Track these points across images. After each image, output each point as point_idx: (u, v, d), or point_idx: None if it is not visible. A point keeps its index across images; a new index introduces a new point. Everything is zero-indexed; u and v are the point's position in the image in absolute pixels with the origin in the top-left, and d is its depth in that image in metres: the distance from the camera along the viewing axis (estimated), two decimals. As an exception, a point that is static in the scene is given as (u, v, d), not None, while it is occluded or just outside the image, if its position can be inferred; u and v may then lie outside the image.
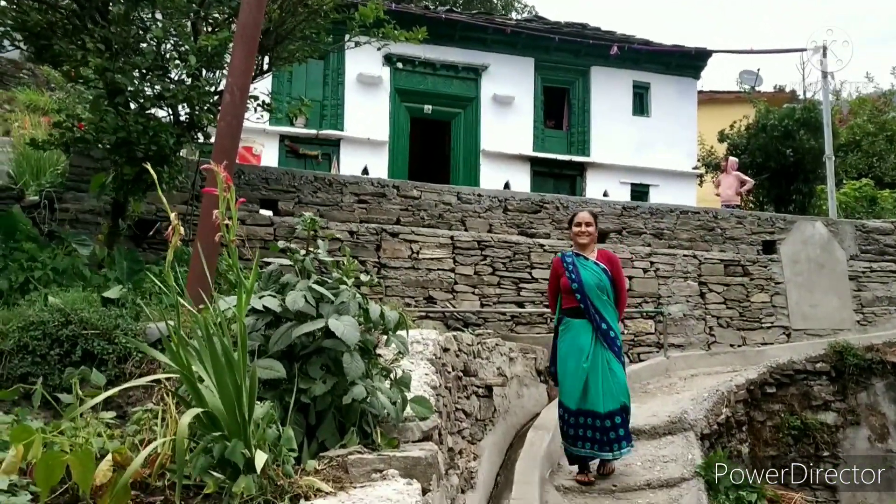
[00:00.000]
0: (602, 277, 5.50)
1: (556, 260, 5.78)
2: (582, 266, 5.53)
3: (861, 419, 8.53)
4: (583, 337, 5.44)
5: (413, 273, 9.07)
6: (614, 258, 5.76)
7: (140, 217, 7.60)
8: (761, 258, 11.17)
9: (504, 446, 6.51)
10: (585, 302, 5.44)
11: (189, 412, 2.09)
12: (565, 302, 5.61)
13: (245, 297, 2.22)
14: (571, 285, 5.47)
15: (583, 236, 5.63)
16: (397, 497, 1.97)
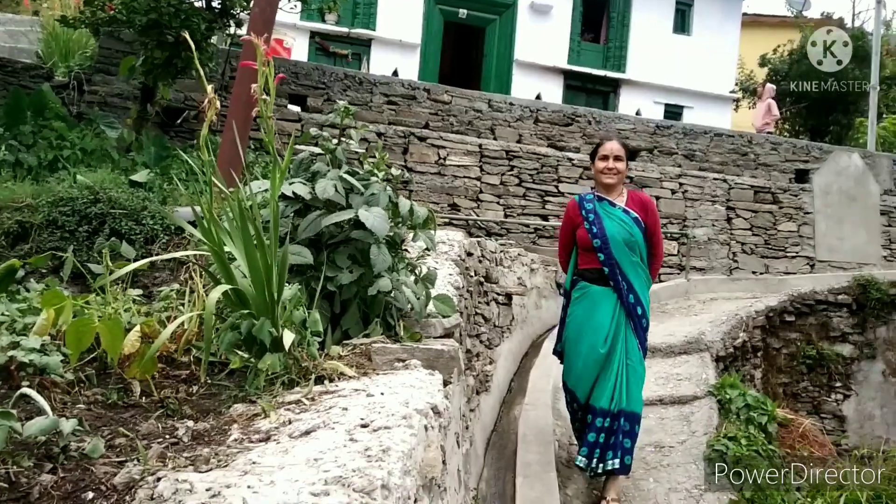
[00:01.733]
0: (633, 230, 4.11)
1: (572, 204, 4.34)
2: (607, 215, 4.13)
3: (877, 353, 8.52)
4: (602, 310, 4.11)
5: (439, 179, 9.00)
6: (650, 203, 4.29)
7: (168, 104, 7.54)
8: (793, 187, 10.98)
9: (519, 354, 6.59)
10: (610, 264, 4.07)
11: (218, 288, 2.09)
12: (582, 261, 4.25)
13: (279, 178, 2.19)
14: (592, 241, 4.09)
15: (609, 174, 4.19)
16: (420, 385, 1.97)
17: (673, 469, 4.68)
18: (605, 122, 10.39)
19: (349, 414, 1.43)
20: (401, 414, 1.41)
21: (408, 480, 1.11)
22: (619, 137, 4.70)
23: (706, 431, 5.05)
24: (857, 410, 8.39)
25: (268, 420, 1.52)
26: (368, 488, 0.97)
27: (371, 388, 1.82)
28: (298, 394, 1.81)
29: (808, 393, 8.27)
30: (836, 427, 8.23)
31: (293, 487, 0.96)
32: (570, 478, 4.53)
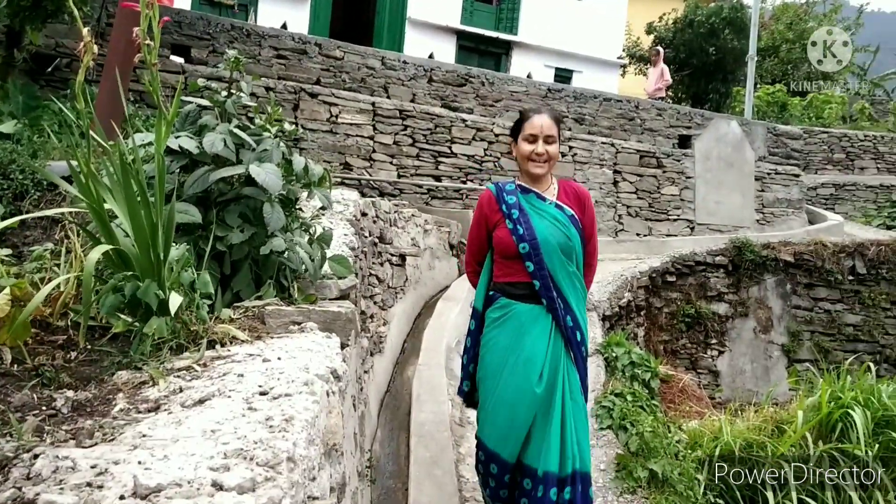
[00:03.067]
0: (570, 232, 3.10)
1: (487, 196, 3.27)
2: (536, 211, 3.13)
3: (749, 311, 9.00)
4: (534, 336, 3.06)
5: (331, 137, 8.81)
6: (586, 196, 3.28)
7: (38, 50, 7.02)
8: (676, 152, 11.36)
9: (413, 315, 6.58)
10: (542, 275, 3.04)
11: (98, 247, 1.94)
12: (503, 272, 3.19)
13: (165, 130, 2.05)
14: (518, 246, 3.06)
15: (538, 162, 3.11)
16: (318, 349, 1.90)
17: (562, 425, 4.79)
18: (498, 84, 10.41)
19: (246, 381, 1.35)
20: (301, 380, 1.34)
21: (312, 451, 1.06)
22: (550, 109, 3.25)
23: (594, 389, 5.19)
24: (730, 365, 8.86)
25: (156, 388, 1.43)
26: (273, 461, 0.91)
27: (267, 353, 1.74)
28: (189, 360, 1.71)
29: (687, 350, 8.66)
30: (711, 381, 8.67)
31: (190, 462, 0.89)
32: (463, 437, 4.57)
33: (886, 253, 9.40)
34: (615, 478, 4.18)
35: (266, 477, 0.86)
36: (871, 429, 5.47)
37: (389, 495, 3.90)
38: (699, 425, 5.66)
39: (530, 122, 3.15)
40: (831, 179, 17.55)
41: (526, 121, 3.18)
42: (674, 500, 4.06)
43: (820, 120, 20.18)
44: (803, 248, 9.35)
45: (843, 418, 5.53)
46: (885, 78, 25.36)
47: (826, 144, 18.65)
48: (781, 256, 9.18)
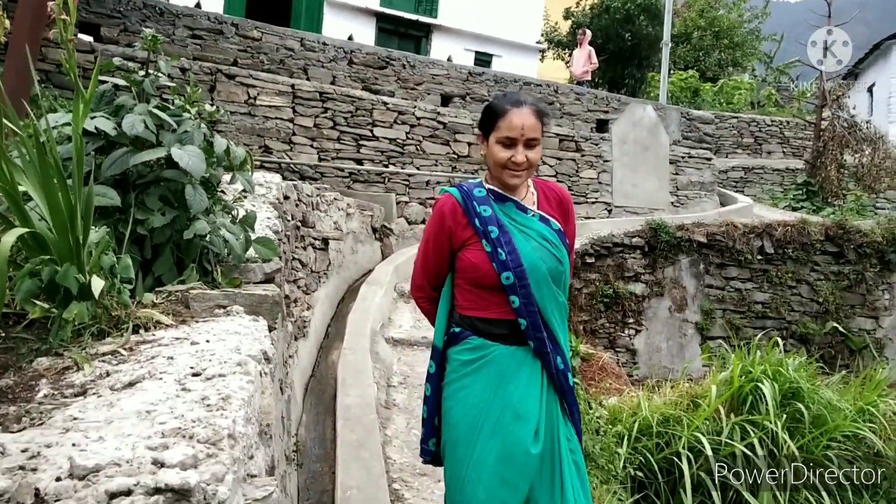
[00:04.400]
0: (561, 253, 2.47)
1: (450, 204, 2.51)
2: (519, 228, 2.46)
3: (665, 291, 9.28)
4: (521, 386, 2.40)
5: (249, 120, 8.65)
6: (568, 200, 2.64)
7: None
8: (594, 136, 11.58)
9: (336, 299, 6.55)
10: (531, 311, 2.38)
11: (13, 231, 1.87)
12: (471, 303, 2.49)
13: (83, 109, 1.98)
14: (500, 275, 2.37)
15: (516, 172, 2.42)
16: (246, 331, 1.88)
17: (487, 405, 4.86)
18: (419, 67, 10.40)
19: (177, 363, 1.33)
20: (234, 360, 1.33)
21: (250, 429, 1.05)
22: (532, 102, 2.48)
23: (517, 368, 5.27)
24: (646, 344, 9.13)
25: (82, 373, 1.39)
26: (214, 438, 0.90)
27: (194, 336, 1.72)
28: (113, 344, 1.67)
29: (606, 329, 8.88)
30: (629, 360, 8.93)
31: (127, 442, 0.88)
32: (389, 419, 4.59)
33: (792, 233, 9.83)
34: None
35: (208, 454, 0.86)
36: (780, 400, 5.74)
37: (316, 479, 3.90)
38: (619, 402, 5.84)
39: (507, 119, 2.37)
40: (741, 163, 18.22)
41: (501, 117, 2.39)
42: (596, 474, 4.17)
43: (730, 106, 20.88)
44: (715, 230, 9.68)
45: (753, 391, 5.79)
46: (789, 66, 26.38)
47: (736, 129, 19.34)
48: (695, 237, 9.49)
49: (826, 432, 5.72)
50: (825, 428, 5.70)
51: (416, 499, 3.83)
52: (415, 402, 4.89)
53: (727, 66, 23.62)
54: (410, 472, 4.08)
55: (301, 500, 3.67)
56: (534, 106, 2.44)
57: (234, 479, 0.85)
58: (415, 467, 4.12)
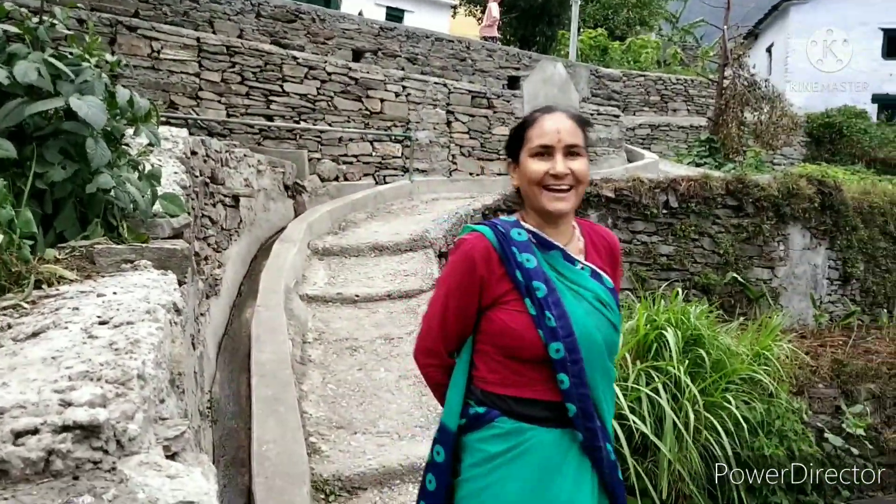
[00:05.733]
0: (615, 316, 2.01)
1: (482, 248, 1.93)
2: (569, 286, 1.94)
3: (575, 245, 9.49)
4: (570, 482, 1.90)
5: (153, 74, 8.34)
6: (617, 247, 2.16)
7: None
8: (505, 93, 11.65)
9: (249, 257, 6.47)
10: (583, 396, 1.87)
11: None
12: (502, 378, 1.93)
13: (-29, 55, 1.88)
14: (548, 346, 1.84)
15: (558, 192, 1.89)
16: (155, 285, 1.86)
17: (403, 358, 4.93)
18: (329, 21, 10.21)
19: (83, 313, 1.31)
20: (143, 309, 1.32)
21: (160, 373, 1.05)
22: (567, 108, 2.09)
23: (432, 322, 5.34)
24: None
25: (-19, 327, 1.35)
26: (123, 378, 0.90)
27: (101, 289, 1.68)
28: (14, 299, 1.63)
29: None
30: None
31: (32, 387, 0.87)
32: (305, 374, 4.60)
33: (695, 188, 10.16)
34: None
35: (117, 393, 0.86)
36: (682, 347, 6.00)
37: (232, 435, 3.89)
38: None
39: (538, 126, 1.93)
40: (648, 120, 18.66)
41: (531, 125, 1.96)
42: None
43: (637, 64, 21.30)
44: (623, 185, 9.91)
45: (658, 339, 6.03)
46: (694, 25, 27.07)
47: (643, 87, 19.75)
48: (603, 192, 9.70)
49: (725, 376, 6.02)
50: (724, 372, 6.00)
51: (333, 451, 3.87)
52: (331, 358, 4.92)
53: (635, 24, 24.04)
54: (327, 425, 4.11)
55: (217, 457, 3.66)
56: (569, 111, 2.00)
57: (145, 418, 0.85)
58: (331, 421, 4.16)
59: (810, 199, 11.06)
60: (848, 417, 7.64)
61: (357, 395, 4.47)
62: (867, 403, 8.15)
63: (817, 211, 11.22)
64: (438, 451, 2.01)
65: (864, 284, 12.20)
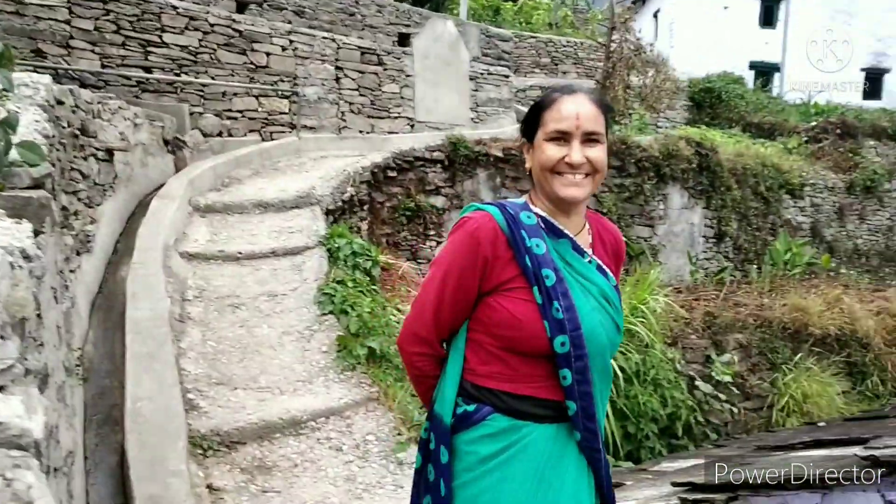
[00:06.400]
0: (620, 316, 1.92)
1: (489, 228, 1.79)
2: (577, 279, 1.84)
3: (464, 203, 9.60)
4: (571, 481, 1.81)
5: (17, 20, 7.82)
6: (623, 245, 2.06)
7: None
8: (396, 50, 11.55)
9: (126, 214, 6.23)
10: (585, 394, 1.79)
11: None
12: (499, 372, 1.81)
13: None
14: (554, 340, 1.73)
15: (573, 181, 1.79)
16: (6, 232, 1.77)
17: (286, 314, 4.89)
18: (212, -30, 9.82)
19: None
20: (-23, 249, 1.26)
21: (-10, 309, 1.01)
22: (589, 90, 1.89)
23: (317, 278, 5.32)
24: (447, 255, 9.45)
25: None
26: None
27: (-61, 234, 1.60)
28: None
29: (408, 241, 9.08)
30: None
31: None
32: (184, 332, 4.51)
33: (580, 148, 10.42)
34: (336, 357, 4.38)
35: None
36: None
37: (106, 394, 3.78)
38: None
39: (556, 108, 1.80)
40: (538, 82, 18.90)
41: (548, 108, 1.83)
42: (391, 372, 4.35)
43: (529, 25, 21.52)
44: (511, 145, 10.06)
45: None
46: (585, -12, 27.48)
47: (534, 49, 20.00)
48: (492, 152, 9.82)
49: (604, 327, 6.25)
50: (602, 323, 6.23)
51: (213, 407, 3.83)
52: (211, 315, 4.83)
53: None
54: (206, 382, 4.06)
55: (88, 415, 3.56)
56: (592, 94, 1.85)
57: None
58: (210, 377, 4.11)
59: (689, 160, 11.54)
60: (717, 366, 8.10)
61: (238, 352, 4.42)
62: (735, 353, 8.66)
63: (695, 172, 11.71)
64: (440, 452, 1.82)
65: (737, 242, 12.88)
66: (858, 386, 9.53)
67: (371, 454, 3.76)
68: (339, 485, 3.49)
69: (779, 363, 9.07)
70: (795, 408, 8.60)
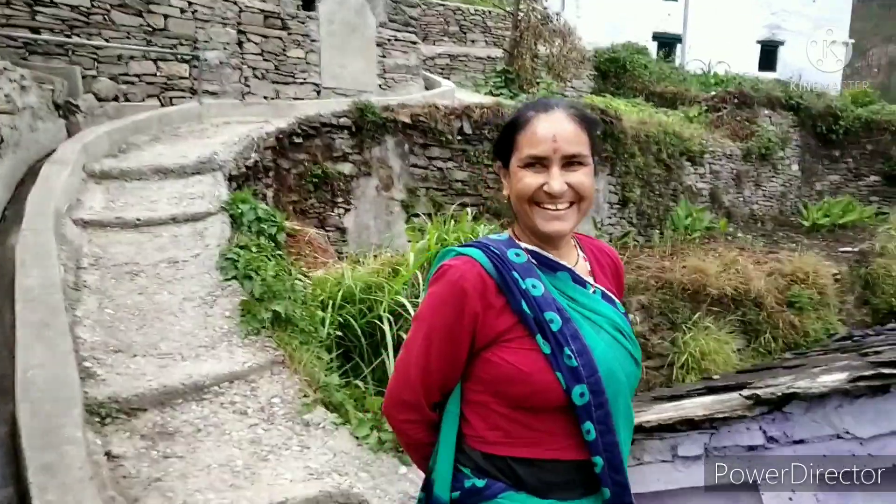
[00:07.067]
0: (636, 348, 1.71)
1: (471, 273, 1.58)
2: (583, 313, 1.63)
3: (372, 170, 9.54)
4: None
5: None
6: (621, 264, 1.88)
7: None
8: (300, 14, 11.29)
9: (14, 181, 5.93)
10: (611, 444, 1.58)
11: None
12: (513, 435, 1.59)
13: None
14: (570, 389, 1.53)
15: (553, 211, 1.59)
16: None
17: (188, 280, 4.78)
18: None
19: None
20: None
21: None
22: (570, 105, 1.64)
23: (219, 244, 5.21)
24: (356, 222, 9.40)
25: None
26: None
27: None
28: None
29: (315, 209, 8.98)
30: (339, 238, 9.15)
31: None
32: (79, 300, 4.35)
33: (488, 115, 10.49)
34: (240, 322, 4.31)
35: None
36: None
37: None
38: (325, 273, 6.01)
39: (530, 130, 1.60)
40: (447, 50, 18.90)
41: (521, 128, 1.62)
42: (296, 336, 4.31)
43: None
44: (419, 111, 10.04)
45: (448, 256, 6.23)
46: (493, -43, 27.40)
47: (442, 17, 19.93)
48: (400, 118, 9.78)
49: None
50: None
51: (111, 374, 3.73)
52: (109, 283, 4.67)
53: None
54: (104, 349, 3.94)
55: (-25, 387, 3.40)
56: (571, 108, 1.62)
57: None
58: (108, 345, 3.99)
59: (593, 127, 11.72)
60: (620, 326, 8.35)
61: (137, 319, 4.29)
62: (637, 313, 8.96)
63: (600, 139, 11.91)
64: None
65: (640, 207, 13.26)
66: (752, 343, 10.03)
67: (276, 416, 3.73)
68: (244, 447, 3.45)
69: (679, 323, 9.44)
70: (694, 365, 8.99)
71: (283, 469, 3.35)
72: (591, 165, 1.61)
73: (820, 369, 2.63)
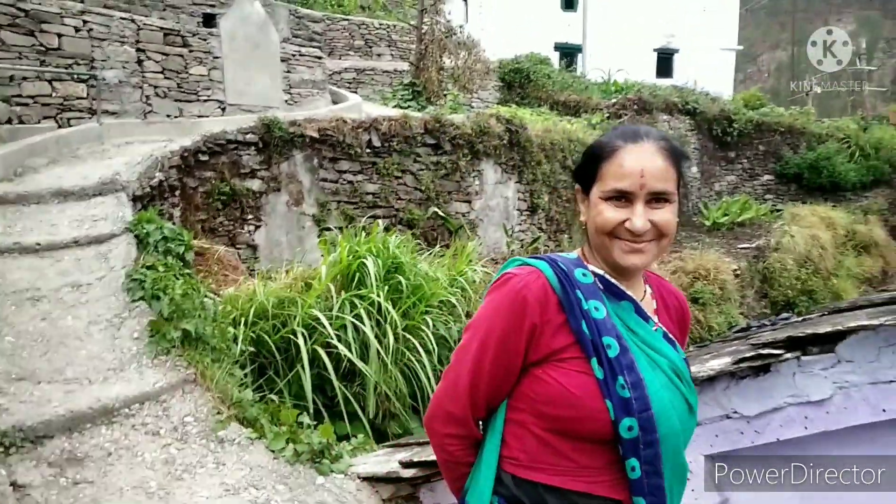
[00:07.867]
0: (694, 395, 1.62)
1: (536, 285, 1.54)
2: (643, 349, 1.56)
3: (282, 186, 9.49)
4: None
5: None
6: (687, 310, 1.82)
7: None
8: (202, 31, 11.16)
9: None
10: (657, 488, 1.49)
11: None
12: (552, 462, 1.52)
13: None
14: (618, 420, 1.46)
15: (634, 246, 1.53)
16: None
17: (93, 304, 4.67)
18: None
19: None
20: None
21: None
22: (661, 136, 1.54)
23: (125, 265, 5.11)
24: (267, 239, 9.32)
25: None
26: None
27: None
28: None
29: (225, 227, 8.87)
30: (250, 255, 9.05)
31: None
32: (-23, 329, 4.21)
33: (396, 127, 10.57)
34: (149, 343, 4.25)
35: None
36: (383, 275, 6.29)
37: None
38: (236, 291, 5.96)
39: (617, 161, 1.52)
40: (353, 64, 18.91)
41: (607, 158, 1.54)
42: (208, 354, 4.28)
43: (341, 8, 21.42)
44: (327, 125, 10.03)
45: (360, 268, 6.27)
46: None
47: (347, 31, 19.95)
48: (308, 133, 9.76)
49: (424, 299, 6.41)
50: (421, 296, 6.39)
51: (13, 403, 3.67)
52: (8, 311, 4.53)
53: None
54: (5, 378, 3.87)
55: None
56: (662, 140, 1.53)
57: None
58: (10, 374, 3.88)
59: (500, 136, 11.98)
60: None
61: (41, 345, 4.18)
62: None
63: (507, 148, 12.19)
64: None
65: (549, 213, 13.57)
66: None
67: (190, 435, 3.69)
68: (158, 468, 3.41)
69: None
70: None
71: (199, 487, 3.33)
72: (677, 203, 1.54)
73: (711, 355, 2.80)
